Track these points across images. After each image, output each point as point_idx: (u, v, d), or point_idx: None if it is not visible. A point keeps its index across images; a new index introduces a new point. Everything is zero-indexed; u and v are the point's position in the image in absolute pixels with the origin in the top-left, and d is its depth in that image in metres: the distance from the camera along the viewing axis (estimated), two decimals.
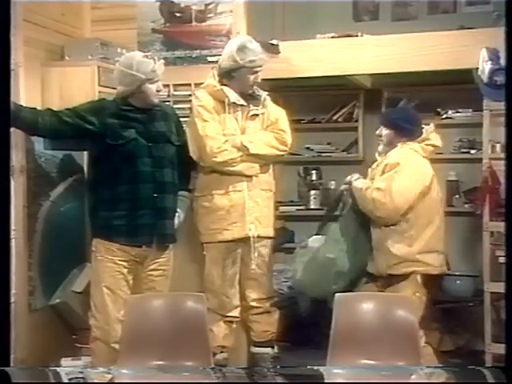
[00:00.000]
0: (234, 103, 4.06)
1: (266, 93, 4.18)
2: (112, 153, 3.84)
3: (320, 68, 4.44)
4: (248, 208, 4.08)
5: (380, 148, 4.09)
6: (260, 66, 4.04)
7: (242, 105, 4.09)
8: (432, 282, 4.01)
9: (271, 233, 4.23)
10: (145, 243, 3.89)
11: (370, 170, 4.12)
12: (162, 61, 3.94)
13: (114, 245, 3.84)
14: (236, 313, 4.21)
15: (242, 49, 4.01)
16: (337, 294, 3.30)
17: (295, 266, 4.10)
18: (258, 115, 4.14)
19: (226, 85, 4.07)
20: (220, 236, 4.09)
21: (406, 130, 4.00)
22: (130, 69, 3.82)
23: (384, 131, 4.04)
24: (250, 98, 4.13)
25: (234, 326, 4.24)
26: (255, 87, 4.13)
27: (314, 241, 4.10)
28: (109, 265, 3.83)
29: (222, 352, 4.15)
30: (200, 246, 4.23)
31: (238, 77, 4.05)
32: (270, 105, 4.20)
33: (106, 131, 3.84)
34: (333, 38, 4.50)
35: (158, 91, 3.89)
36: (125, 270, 3.86)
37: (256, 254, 4.12)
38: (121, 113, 3.87)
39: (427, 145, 4.03)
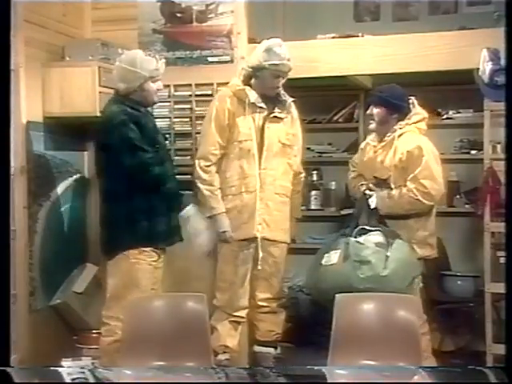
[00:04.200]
0: (253, 104, 4.10)
1: (292, 99, 4.21)
2: (146, 161, 3.75)
3: (321, 68, 4.44)
4: (258, 209, 4.10)
5: (372, 126, 4.18)
6: (283, 72, 4.06)
7: (261, 107, 4.12)
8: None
9: (281, 237, 4.21)
10: (175, 242, 3.92)
11: (366, 148, 4.22)
12: (164, 60, 3.93)
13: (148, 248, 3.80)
14: (243, 313, 4.21)
15: (268, 50, 4.04)
16: (337, 295, 3.29)
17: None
18: (282, 119, 4.17)
19: (249, 85, 4.12)
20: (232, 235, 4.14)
21: (397, 106, 4.10)
22: (133, 66, 3.78)
23: (375, 110, 4.13)
24: (276, 101, 4.17)
25: (240, 327, 4.24)
26: (282, 92, 4.16)
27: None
28: (144, 267, 3.77)
29: (224, 352, 4.16)
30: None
31: (262, 77, 4.09)
32: (295, 113, 4.26)
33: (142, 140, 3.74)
34: (333, 38, 4.51)
35: (158, 90, 3.88)
36: (155, 270, 3.83)
37: (261, 255, 4.13)
38: (133, 115, 3.76)
39: (419, 120, 4.12)
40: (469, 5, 5.30)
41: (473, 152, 4.99)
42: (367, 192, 4.10)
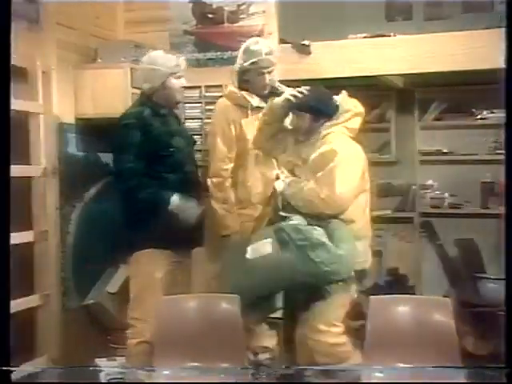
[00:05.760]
0: (256, 107, 4.02)
1: (291, 89, 4.01)
2: (163, 162, 3.75)
3: (352, 68, 4.40)
4: None
5: (301, 138, 3.75)
6: (265, 68, 3.96)
7: (261, 108, 4.02)
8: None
9: None
10: (194, 247, 3.96)
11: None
12: (184, 57, 3.93)
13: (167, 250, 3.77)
14: (279, 314, 4.18)
15: (245, 51, 3.99)
16: (372, 297, 3.26)
17: None
18: None
19: (245, 89, 4.03)
20: None
21: (322, 110, 3.68)
22: (153, 64, 3.82)
23: (296, 121, 3.73)
24: (274, 95, 4.03)
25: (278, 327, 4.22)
26: (277, 84, 4.06)
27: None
28: (161, 268, 3.75)
29: (264, 352, 4.14)
30: None
31: (250, 79, 4.01)
32: None
33: (158, 138, 3.76)
34: (365, 38, 4.47)
35: (182, 88, 3.87)
36: (178, 271, 3.82)
37: None
38: (159, 113, 3.81)
39: (348, 119, 3.69)
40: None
41: None
42: (277, 173, 3.81)
